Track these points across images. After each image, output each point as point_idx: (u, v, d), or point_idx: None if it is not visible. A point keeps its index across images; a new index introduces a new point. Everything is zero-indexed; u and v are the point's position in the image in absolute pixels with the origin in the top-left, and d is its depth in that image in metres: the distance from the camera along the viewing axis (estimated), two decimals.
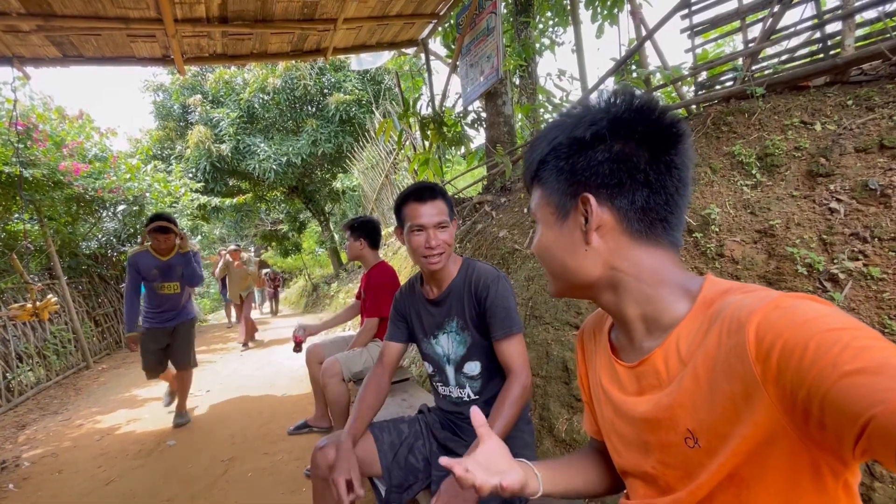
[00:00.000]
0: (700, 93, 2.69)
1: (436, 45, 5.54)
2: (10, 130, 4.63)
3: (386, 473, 1.43)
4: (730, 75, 2.47)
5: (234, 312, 7.37)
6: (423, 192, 1.38)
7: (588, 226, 0.61)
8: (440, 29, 4.94)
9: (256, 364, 5.48)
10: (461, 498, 1.11)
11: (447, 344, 1.44)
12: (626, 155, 0.59)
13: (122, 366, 6.16)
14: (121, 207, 6.94)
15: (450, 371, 1.45)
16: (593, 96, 0.64)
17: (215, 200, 10.62)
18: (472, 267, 1.43)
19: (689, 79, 2.74)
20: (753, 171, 1.92)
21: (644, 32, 2.89)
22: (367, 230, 2.81)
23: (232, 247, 6.76)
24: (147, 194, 7.05)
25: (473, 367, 1.41)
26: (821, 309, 0.45)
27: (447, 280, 1.44)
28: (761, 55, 2.35)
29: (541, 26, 5.63)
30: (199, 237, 13.54)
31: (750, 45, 2.36)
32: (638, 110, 0.59)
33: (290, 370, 4.87)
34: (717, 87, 2.57)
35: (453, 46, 4.80)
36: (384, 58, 5.92)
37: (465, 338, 1.40)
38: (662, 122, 0.59)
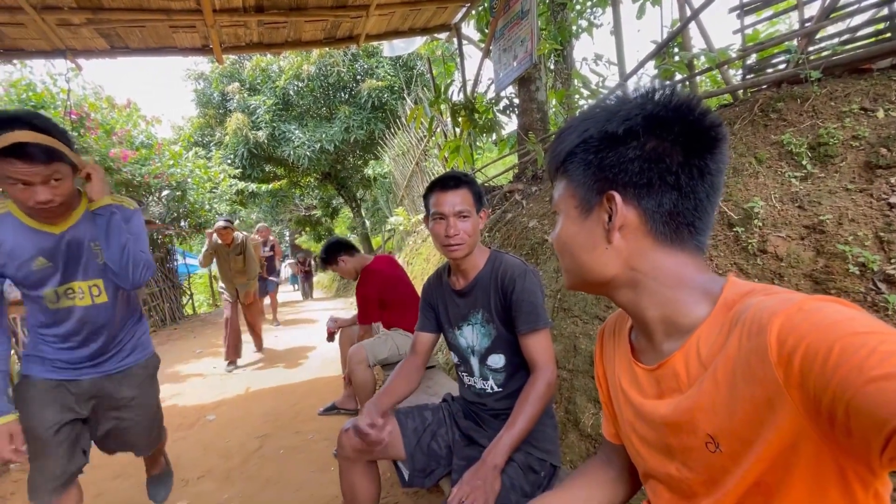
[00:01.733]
0: (748, 77, 2.53)
1: (469, 29, 5.44)
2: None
3: (409, 458, 1.46)
4: (782, 58, 2.30)
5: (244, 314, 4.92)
6: (447, 180, 1.38)
7: (611, 224, 0.59)
8: (474, 12, 4.84)
9: (291, 345, 5.69)
10: (482, 490, 1.12)
11: (471, 335, 1.44)
12: (659, 155, 0.56)
13: (167, 342, 6.52)
14: (165, 192, 7.28)
15: (474, 362, 1.45)
16: (630, 86, 0.61)
17: (252, 186, 10.98)
18: (500, 259, 1.42)
19: (736, 62, 2.57)
20: (804, 162, 1.80)
21: (689, 12, 2.73)
22: (337, 249, 2.94)
23: (220, 223, 4.54)
24: (189, 180, 7.36)
25: (498, 360, 1.41)
26: (846, 312, 0.44)
27: (473, 271, 1.44)
28: (819, 35, 2.17)
29: (578, 7, 5.41)
30: (237, 222, 13.87)
31: (807, 24, 2.18)
32: (676, 108, 0.56)
33: (322, 352, 5.02)
34: (769, 70, 2.40)
35: (487, 31, 4.70)
36: (416, 43, 5.86)
37: (490, 330, 1.40)
38: (701, 124, 0.56)
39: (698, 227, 0.59)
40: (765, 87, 2.28)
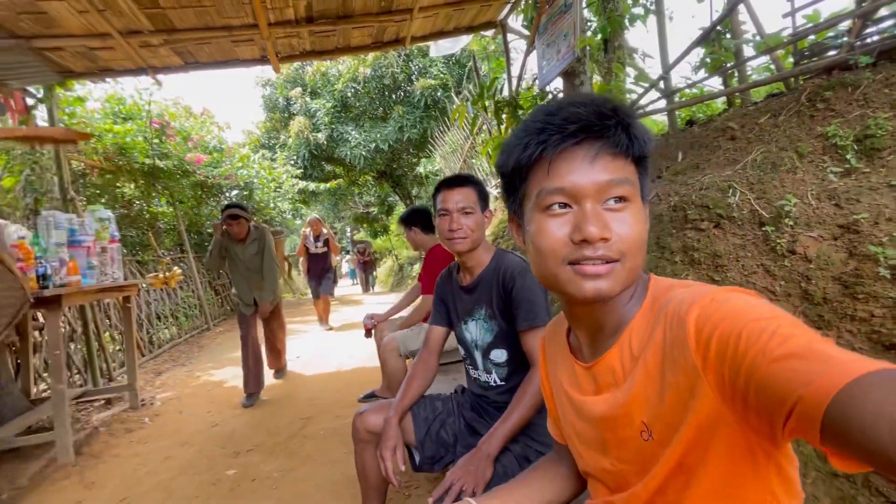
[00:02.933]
0: (801, 63, 2.34)
1: (518, 23, 5.39)
2: (148, 129, 5.54)
3: (419, 445, 1.56)
4: (837, 42, 2.10)
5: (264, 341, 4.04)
6: (453, 180, 1.47)
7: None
8: (521, 6, 4.81)
9: (339, 338, 6.02)
10: (472, 475, 1.20)
11: (476, 330, 1.51)
12: None
13: (234, 329, 7.12)
14: (234, 192, 7.93)
15: (478, 356, 1.52)
16: (674, 77, 0.66)
17: (312, 185, 11.60)
18: (503, 258, 1.48)
19: (788, 48, 2.39)
20: (848, 156, 1.66)
21: None
22: (416, 218, 3.02)
23: (228, 211, 3.50)
24: (255, 180, 7.96)
25: (500, 355, 1.46)
26: (750, 301, 0.49)
27: (478, 268, 1.50)
28: (877, 15, 1.96)
29: None
30: (298, 220, 14.22)
31: (863, 4, 1.98)
32: None
33: (366, 345, 5.27)
34: (820, 56, 2.21)
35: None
36: (462, 42, 5.92)
37: (493, 326, 1.46)
38: None
39: None
40: (814, 74, 2.11)
